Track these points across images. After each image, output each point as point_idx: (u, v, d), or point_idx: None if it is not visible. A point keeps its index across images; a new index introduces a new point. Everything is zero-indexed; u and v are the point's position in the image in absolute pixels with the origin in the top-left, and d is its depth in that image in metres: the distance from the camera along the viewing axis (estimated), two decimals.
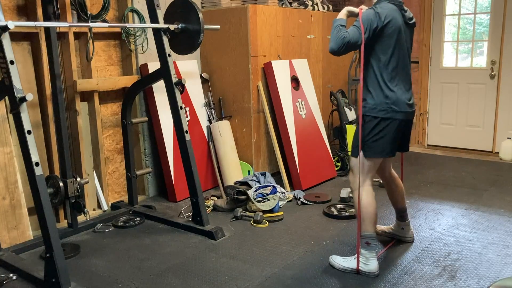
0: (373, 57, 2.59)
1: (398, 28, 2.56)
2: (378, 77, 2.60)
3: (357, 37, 2.48)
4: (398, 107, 2.59)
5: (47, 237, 2.51)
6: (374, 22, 2.49)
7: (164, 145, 4.02)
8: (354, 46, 2.49)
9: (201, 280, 2.67)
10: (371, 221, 2.70)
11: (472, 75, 5.52)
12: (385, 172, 3.02)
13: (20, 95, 2.43)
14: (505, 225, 3.39)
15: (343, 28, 2.52)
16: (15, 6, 3.24)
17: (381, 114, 2.59)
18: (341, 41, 2.46)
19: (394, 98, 2.59)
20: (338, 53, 2.51)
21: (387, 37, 2.54)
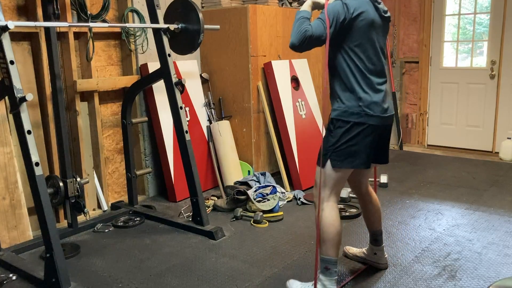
0: (342, 54, 2.30)
1: (370, 22, 2.26)
2: (349, 77, 2.30)
3: (321, 31, 2.18)
4: (372, 111, 2.28)
5: (47, 237, 2.51)
6: (342, 15, 2.20)
7: (164, 145, 4.02)
8: (318, 41, 2.20)
9: (201, 280, 2.67)
10: (333, 243, 2.34)
11: (472, 75, 5.52)
12: (361, 188, 2.65)
13: (20, 95, 2.43)
14: (505, 225, 3.39)
15: (306, 21, 2.23)
16: (15, 6, 3.24)
17: (353, 118, 2.27)
18: (303, 35, 2.16)
19: (368, 100, 2.28)
20: (299, 48, 2.22)
21: (357, 31, 2.25)
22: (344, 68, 2.30)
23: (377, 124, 2.30)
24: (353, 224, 3.47)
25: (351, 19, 2.22)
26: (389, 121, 2.41)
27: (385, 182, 4.33)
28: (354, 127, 2.27)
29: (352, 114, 2.27)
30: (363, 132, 2.28)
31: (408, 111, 5.98)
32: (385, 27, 2.41)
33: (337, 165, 2.31)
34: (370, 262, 2.76)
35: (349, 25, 2.23)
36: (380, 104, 2.30)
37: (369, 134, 2.29)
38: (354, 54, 2.28)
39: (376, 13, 2.31)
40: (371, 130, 2.29)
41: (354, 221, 3.52)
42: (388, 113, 2.36)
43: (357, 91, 2.28)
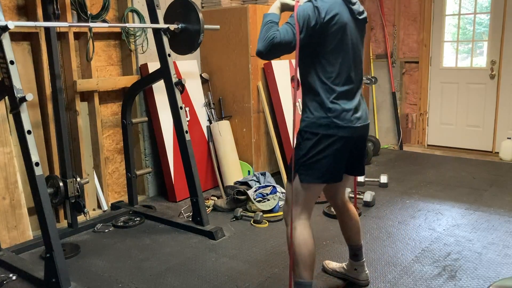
0: (313, 61, 2.12)
1: (343, 26, 2.08)
2: (318, 86, 2.11)
3: (290, 38, 2.00)
4: (342, 122, 2.10)
5: (47, 237, 2.51)
6: (312, 19, 2.01)
7: (164, 145, 4.02)
8: (287, 48, 2.03)
9: (201, 280, 2.67)
10: (306, 265, 2.17)
11: (472, 75, 5.52)
12: (337, 199, 2.48)
13: (20, 95, 2.43)
14: (505, 225, 3.39)
15: (274, 25, 2.05)
16: (15, 6, 3.24)
17: (321, 130, 2.10)
18: (269, 42, 1.98)
19: (338, 110, 2.10)
20: (266, 56, 2.05)
21: (329, 36, 2.06)
22: (313, 76, 2.13)
23: (349, 136, 2.13)
24: None
25: (323, 24, 2.03)
26: (362, 131, 2.21)
27: (385, 182, 4.33)
28: (323, 139, 2.10)
29: (320, 125, 2.10)
30: (333, 144, 2.11)
31: (408, 111, 5.98)
32: (361, 30, 2.23)
33: (306, 180, 2.15)
34: (350, 278, 2.60)
35: (321, 30, 2.04)
36: (351, 114, 2.13)
37: (340, 147, 2.12)
38: (326, 61, 2.10)
39: (350, 16, 2.13)
40: (342, 142, 2.12)
41: None
42: (361, 123, 2.17)
43: (325, 101, 2.10)
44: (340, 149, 2.13)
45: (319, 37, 2.06)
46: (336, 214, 2.54)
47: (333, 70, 2.10)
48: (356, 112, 2.15)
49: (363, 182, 4.37)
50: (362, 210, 3.70)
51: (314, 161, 2.12)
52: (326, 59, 2.09)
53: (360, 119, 2.17)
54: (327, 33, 2.05)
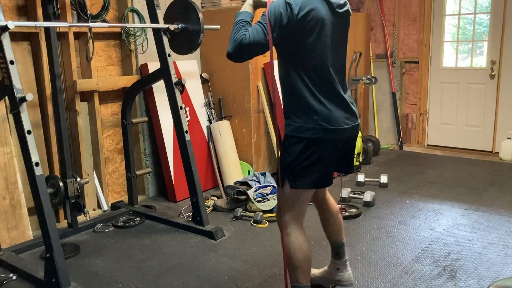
0: (291, 61, 1.99)
1: (320, 21, 1.92)
2: (301, 88, 1.98)
3: (261, 38, 1.88)
4: (330, 124, 1.99)
5: (47, 237, 2.51)
6: (285, 17, 1.87)
7: (164, 145, 4.02)
8: (258, 49, 1.92)
9: (201, 280, 2.67)
10: (303, 270, 2.13)
11: (472, 75, 5.52)
12: (317, 194, 2.38)
13: (20, 95, 2.43)
14: (505, 225, 3.39)
15: (245, 25, 1.94)
16: (15, 6, 3.24)
17: (308, 134, 1.98)
18: (239, 44, 1.88)
19: (325, 113, 1.98)
20: (237, 58, 1.94)
21: (306, 34, 1.92)
22: (294, 77, 1.99)
23: (338, 138, 2.04)
24: (353, 224, 3.47)
25: (297, 21, 1.88)
26: (352, 132, 2.11)
27: (385, 182, 4.33)
28: (311, 143, 1.99)
29: (307, 129, 1.99)
30: (321, 148, 2.01)
31: (408, 111, 5.98)
32: (342, 24, 2.07)
33: (296, 186, 2.05)
34: (331, 280, 2.50)
35: (295, 28, 1.90)
36: (339, 116, 2.02)
37: (329, 150, 2.03)
38: (305, 60, 1.96)
39: (328, 9, 1.97)
40: (330, 145, 2.03)
41: (354, 221, 3.52)
42: (349, 124, 2.07)
43: (311, 103, 1.98)
44: (329, 153, 2.04)
45: (295, 36, 1.92)
46: (317, 209, 2.45)
47: (315, 69, 1.97)
48: (344, 112, 2.05)
49: (363, 182, 4.37)
50: (362, 210, 3.70)
51: (304, 167, 2.02)
52: (305, 58, 1.96)
53: (348, 120, 2.07)
54: (303, 31, 1.91)
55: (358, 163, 4.93)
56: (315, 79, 1.98)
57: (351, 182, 4.48)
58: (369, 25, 5.97)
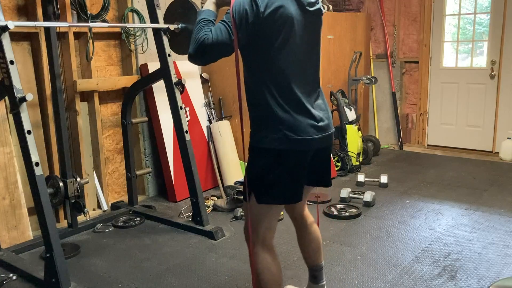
0: (257, 64, 1.83)
1: (289, 21, 1.76)
2: (265, 94, 1.81)
3: (224, 38, 1.72)
4: (297, 134, 1.80)
5: (47, 237, 2.51)
6: (250, 15, 1.71)
7: (164, 145, 4.02)
8: (222, 50, 1.76)
9: (201, 280, 2.67)
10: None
11: (472, 75, 5.52)
12: (294, 211, 2.19)
13: (20, 95, 2.43)
14: (505, 225, 3.39)
15: (207, 24, 1.78)
16: (15, 6, 3.24)
17: (273, 145, 1.81)
18: (200, 44, 1.72)
19: (291, 121, 1.80)
20: (198, 60, 1.81)
21: (273, 33, 1.75)
22: (259, 82, 1.82)
23: (305, 150, 1.85)
24: (353, 224, 3.47)
25: (264, 20, 1.72)
26: (323, 142, 1.91)
27: (385, 182, 4.33)
28: (276, 155, 1.83)
29: (272, 140, 1.81)
30: (288, 161, 1.83)
31: (408, 111, 5.98)
32: (314, 24, 1.90)
33: (263, 201, 1.89)
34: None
35: (262, 27, 1.73)
36: (309, 124, 1.84)
37: (296, 163, 1.85)
38: (272, 63, 1.79)
39: (298, 8, 1.80)
40: (298, 157, 1.85)
41: (354, 221, 3.52)
42: (320, 134, 1.87)
43: (275, 111, 1.80)
44: (297, 165, 1.86)
45: (261, 36, 1.76)
46: (295, 227, 2.26)
47: (282, 73, 1.80)
48: (313, 121, 1.85)
49: (363, 182, 4.37)
50: (362, 210, 3.70)
51: (269, 180, 1.86)
52: (272, 61, 1.79)
53: (319, 129, 1.87)
54: (270, 30, 1.75)
55: (358, 163, 4.94)
56: (282, 85, 1.81)
57: (351, 182, 4.48)
58: (369, 25, 5.97)
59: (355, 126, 4.95)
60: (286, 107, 1.81)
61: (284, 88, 1.81)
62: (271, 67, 1.80)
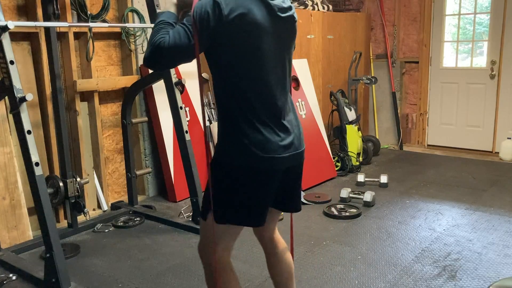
0: (222, 73, 1.66)
1: (256, 26, 1.59)
2: (232, 106, 1.66)
3: (183, 42, 1.55)
4: (264, 152, 1.64)
5: (47, 237, 2.51)
6: (212, 18, 1.54)
7: (164, 145, 4.02)
8: (181, 55, 1.59)
9: (201, 280, 2.67)
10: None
11: (472, 75, 5.52)
12: (263, 235, 2.00)
13: (20, 95, 2.43)
14: (505, 225, 3.39)
15: (165, 27, 1.62)
16: (15, 6, 3.24)
17: (237, 161, 1.66)
18: (156, 48, 1.55)
19: (259, 138, 1.64)
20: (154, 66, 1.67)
21: (238, 41, 1.59)
22: (226, 93, 1.67)
23: (273, 169, 1.69)
24: (353, 224, 3.47)
25: (227, 24, 1.55)
26: (292, 161, 1.75)
27: (385, 182, 4.33)
28: (240, 172, 1.67)
29: (237, 155, 1.66)
30: (252, 179, 1.68)
31: (408, 111, 5.98)
32: (286, 30, 1.72)
33: (221, 220, 1.74)
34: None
35: (226, 33, 1.57)
36: (278, 142, 1.68)
37: (264, 182, 1.70)
38: (238, 73, 1.63)
39: (268, 14, 1.62)
40: (266, 176, 1.69)
41: (354, 221, 3.52)
42: (290, 152, 1.72)
43: (241, 126, 1.64)
44: (262, 186, 1.70)
45: (224, 42, 1.59)
46: (264, 252, 2.05)
47: (249, 85, 1.64)
48: (283, 138, 1.70)
49: (363, 182, 4.37)
50: (362, 210, 3.70)
51: (231, 200, 1.71)
52: (238, 70, 1.63)
53: (289, 148, 1.71)
54: (234, 37, 1.58)
55: (358, 163, 4.94)
56: (249, 97, 1.64)
57: (351, 182, 4.48)
58: (369, 25, 5.97)
59: (355, 126, 4.95)
60: (254, 122, 1.64)
61: (251, 102, 1.64)
62: (237, 78, 1.63)
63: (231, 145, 1.68)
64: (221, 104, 1.70)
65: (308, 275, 2.70)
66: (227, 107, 1.68)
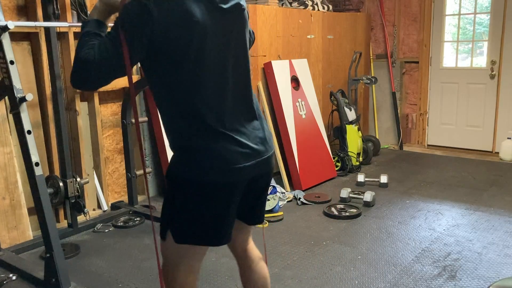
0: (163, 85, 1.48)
1: (195, 24, 1.39)
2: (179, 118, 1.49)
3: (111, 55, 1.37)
4: (221, 164, 1.48)
5: (47, 237, 2.51)
6: (141, 23, 1.35)
7: (164, 145, 4.01)
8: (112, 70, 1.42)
9: (201, 280, 2.67)
10: None
11: (472, 75, 5.52)
12: (235, 245, 1.84)
13: (20, 95, 2.43)
14: (505, 225, 3.39)
15: (91, 39, 1.41)
16: (15, 6, 3.24)
17: (191, 175, 1.49)
18: (81, 65, 1.37)
19: (215, 149, 1.47)
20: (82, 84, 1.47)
21: (176, 46, 1.40)
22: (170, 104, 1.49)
23: (233, 181, 1.52)
24: (353, 224, 3.47)
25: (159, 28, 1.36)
26: (257, 170, 1.56)
27: (385, 182, 4.33)
28: (196, 188, 1.50)
29: (190, 169, 1.49)
30: (214, 193, 1.51)
31: (408, 111, 5.98)
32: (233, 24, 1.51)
33: (182, 240, 1.58)
34: None
35: (160, 38, 1.37)
36: (239, 151, 1.50)
37: (225, 196, 1.53)
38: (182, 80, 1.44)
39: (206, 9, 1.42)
40: (227, 190, 1.52)
41: (354, 221, 3.52)
42: (253, 160, 1.53)
43: (190, 136, 1.48)
44: (224, 200, 1.53)
45: (160, 49, 1.40)
46: (237, 265, 1.90)
47: (196, 94, 1.45)
48: (244, 146, 1.51)
49: (363, 182, 4.37)
50: (362, 210, 3.70)
51: (190, 216, 1.54)
52: (181, 79, 1.44)
53: (252, 156, 1.53)
54: (170, 42, 1.39)
55: (358, 163, 4.94)
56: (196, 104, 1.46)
57: (351, 182, 4.48)
58: (369, 25, 5.97)
59: (355, 126, 4.95)
60: (205, 131, 1.47)
61: (199, 109, 1.46)
62: (182, 85, 1.44)
63: (184, 159, 1.50)
64: (166, 114, 1.53)
65: (308, 275, 2.70)
66: (172, 117, 1.50)
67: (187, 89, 1.45)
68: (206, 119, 1.47)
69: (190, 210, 1.53)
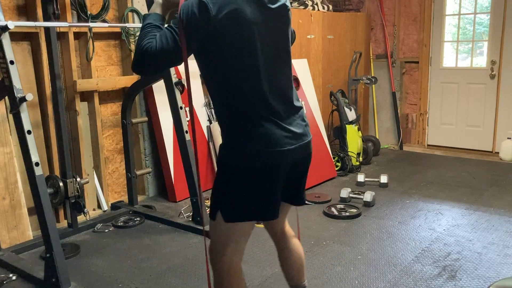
0: (217, 74, 1.64)
1: (247, 23, 1.55)
2: (232, 106, 1.64)
3: (171, 47, 1.53)
4: (268, 148, 1.62)
5: (47, 237, 2.51)
6: (200, 20, 1.50)
7: (164, 145, 4.02)
8: (170, 59, 1.58)
9: (201, 280, 2.67)
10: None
11: (472, 75, 5.52)
12: (275, 228, 2.01)
13: (20, 95, 2.43)
14: (505, 225, 3.39)
15: (152, 30, 1.58)
16: (15, 6, 3.24)
17: (243, 161, 1.64)
18: (143, 53, 1.53)
19: (261, 135, 1.61)
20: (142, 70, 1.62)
21: (230, 39, 1.55)
22: (223, 93, 1.65)
23: (279, 163, 1.66)
24: (353, 224, 3.47)
25: (216, 24, 1.51)
26: (299, 153, 1.72)
27: (385, 182, 4.33)
28: (247, 171, 1.64)
29: (242, 155, 1.63)
30: (260, 176, 1.65)
31: (408, 111, 5.98)
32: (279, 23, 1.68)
33: (230, 219, 1.70)
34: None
35: (215, 34, 1.53)
36: (283, 135, 1.65)
37: (269, 178, 1.66)
38: (234, 72, 1.60)
39: (257, 8, 1.57)
40: (271, 171, 1.66)
41: (354, 221, 3.52)
42: (296, 144, 1.69)
43: (240, 124, 1.63)
44: (272, 180, 1.67)
45: (215, 43, 1.55)
46: (275, 245, 2.06)
47: (247, 82, 1.60)
48: (287, 131, 1.67)
49: (363, 182, 4.37)
50: (362, 210, 3.70)
51: (241, 197, 1.68)
52: (233, 69, 1.60)
53: (295, 139, 1.68)
54: (225, 37, 1.54)
55: (358, 163, 4.94)
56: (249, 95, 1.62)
57: (351, 182, 4.48)
58: (369, 25, 5.97)
59: (355, 126, 4.95)
60: (254, 118, 1.62)
61: (252, 99, 1.62)
62: (234, 76, 1.60)
63: (233, 145, 1.66)
64: (219, 105, 1.69)
65: (308, 275, 2.69)
66: (227, 108, 1.66)
67: (236, 78, 1.60)
68: (254, 107, 1.62)
69: (239, 191, 1.67)
